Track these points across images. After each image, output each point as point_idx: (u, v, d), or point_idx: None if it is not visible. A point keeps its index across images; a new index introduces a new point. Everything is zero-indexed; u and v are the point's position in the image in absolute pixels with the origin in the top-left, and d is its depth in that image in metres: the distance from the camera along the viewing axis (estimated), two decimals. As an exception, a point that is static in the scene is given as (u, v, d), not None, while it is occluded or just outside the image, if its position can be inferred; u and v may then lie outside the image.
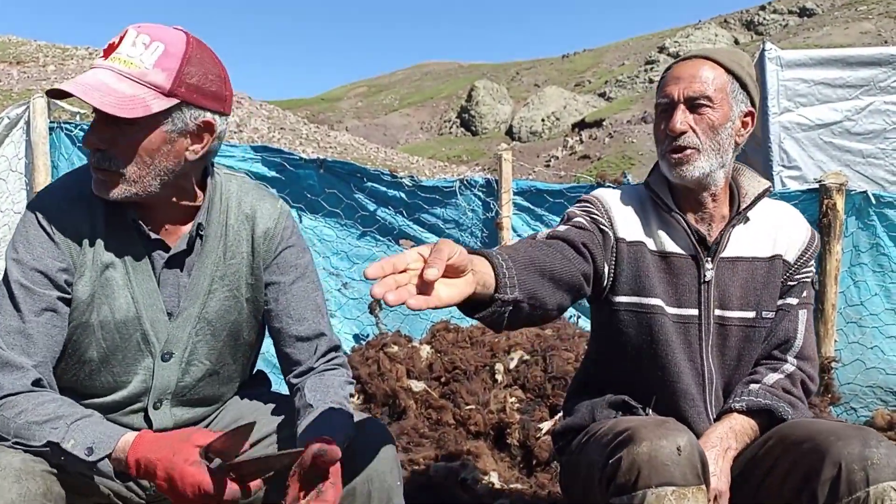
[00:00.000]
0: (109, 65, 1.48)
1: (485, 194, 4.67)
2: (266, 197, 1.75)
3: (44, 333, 1.51)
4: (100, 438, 1.40)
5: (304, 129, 27.09)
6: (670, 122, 1.77)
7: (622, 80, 62.11)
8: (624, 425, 1.57)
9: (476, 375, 3.37)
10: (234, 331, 1.70)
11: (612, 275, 1.81)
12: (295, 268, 1.72)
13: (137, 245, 1.59)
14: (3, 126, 4.37)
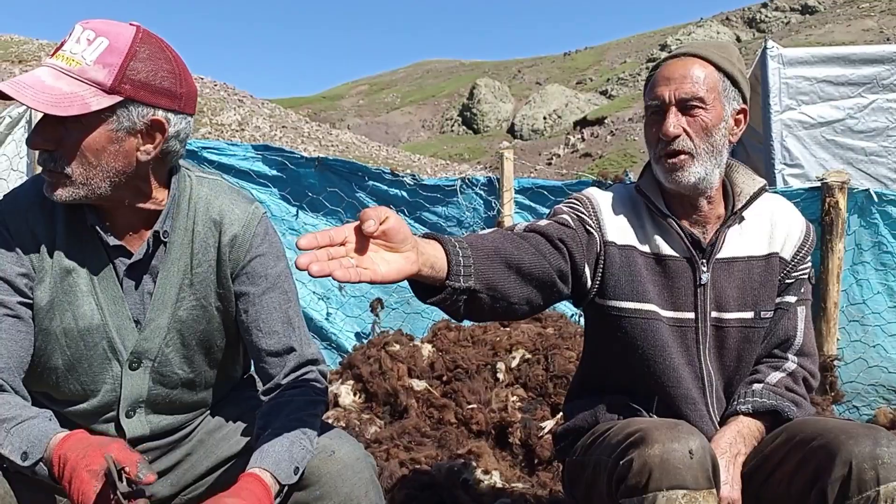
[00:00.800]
0: (52, 62, 1.44)
1: (486, 193, 4.67)
2: (238, 201, 1.65)
3: (7, 339, 1.47)
4: (33, 442, 1.36)
5: (305, 128, 27.08)
6: (663, 126, 1.73)
7: (624, 78, 62.02)
8: (635, 426, 1.56)
9: (478, 374, 3.37)
10: (204, 339, 1.64)
11: (600, 278, 1.78)
12: (265, 278, 1.63)
13: (99, 251, 1.54)
14: (5, 125, 4.38)
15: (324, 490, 1.48)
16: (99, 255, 1.55)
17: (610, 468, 1.57)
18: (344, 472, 1.50)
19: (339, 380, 3.53)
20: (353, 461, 1.52)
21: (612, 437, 1.63)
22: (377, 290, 4.61)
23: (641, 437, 1.50)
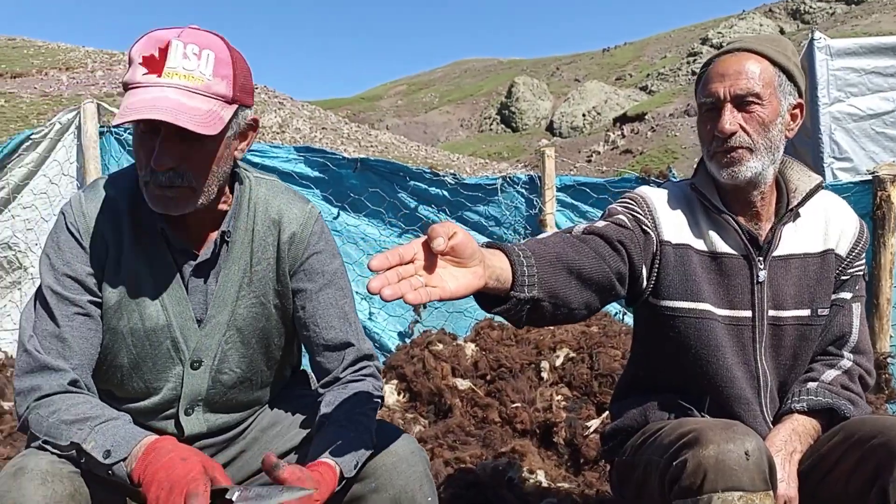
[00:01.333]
0: (171, 82, 1.43)
1: (528, 191, 4.65)
2: (295, 201, 1.69)
3: (79, 337, 1.52)
4: (118, 442, 1.39)
5: (345, 129, 27.26)
6: (719, 123, 1.70)
7: (664, 73, 61.25)
8: (688, 426, 1.54)
9: (521, 373, 3.36)
10: (264, 338, 1.67)
11: (655, 278, 1.77)
12: (322, 274, 1.67)
13: (165, 253, 1.58)
14: (55, 131, 4.48)
15: (379, 482, 1.50)
16: (165, 258, 1.58)
17: (662, 469, 1.55)
18: (399, 465, 1.52)
19: (384, 379, 3.55)
20: (407, 454, 1.55)
21: (664, 437, 1.61)
22: (419, 290, 4.62)
23: (695, 437, 1.48)
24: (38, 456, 1.38)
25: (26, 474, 1.33)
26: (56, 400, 1.46)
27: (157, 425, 1.62)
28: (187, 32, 1.47)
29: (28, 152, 4.49)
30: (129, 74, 1.44)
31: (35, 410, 1.45)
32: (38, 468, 1.34)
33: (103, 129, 4.37)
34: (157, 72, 1.43)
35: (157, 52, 1.43)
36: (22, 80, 26.32)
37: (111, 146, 4.40)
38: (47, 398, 1.46)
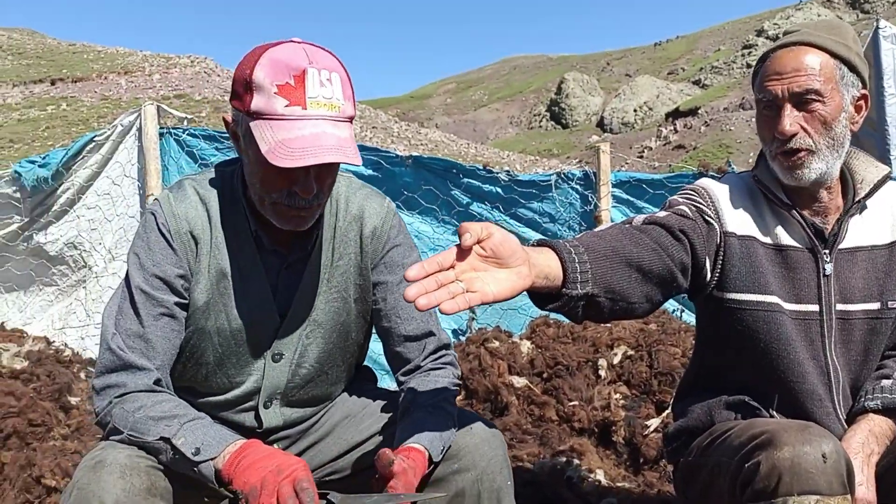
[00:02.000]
0: (318, 113, 1.44)
1: (583, 187, 4.60)
2: (373, 196, 1.72)
3: (162, 338, 1.54)
4: (209, 442, 1.41)
5: (395, 128, 27.43)
6: (778, 125, 1.63)
7: (718, 67, 60.11)
8: (760, 427, 1.49)
9: (578, 371, 3.32)
10: (343, 332, 1.70)
11: (720, 270, 1.72)
12: (402, 266, 1.69)
13: (254, 253, 1.60)
14: (117, 133, 4.59)
15: (462, 464, 1.52)
16: (252, 258, 1.60)
17: (733, 471, 1.50)
18: (481, 447, 1.54)
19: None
20: (489, 437, 1.57)
21: (733, 437, 1.56)
22: (473, 287, 4.61)
23: (768, 439, 1.43)
24: (117, 450, 1.40)
25: (105, 467, 1.35)
26: (141, 396, 1.48)
27: (236, 418, 1.66)
28: (313, 54, 1.47)
29: (92, 154, 4.62)
30: (264, 103, 1.43)
31: (119, 405, 1.47)
32: (117, 461, 1.36)
33: (163, 130, 4.47)
34: (301, 104, 1.43)
35: (292, 81, 1.43)
36: (83, 85, 27.12)
37: (170, 147, 4.50)
38: (132, 394, 1.48)
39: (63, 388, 3.17)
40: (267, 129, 1.43)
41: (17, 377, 3.14)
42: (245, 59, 1.49)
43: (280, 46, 1.47)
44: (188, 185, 1.61)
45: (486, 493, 1.52)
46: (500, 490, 1.55)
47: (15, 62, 33.08)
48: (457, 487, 1.52)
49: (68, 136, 19.88)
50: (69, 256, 4.77)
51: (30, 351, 3.32)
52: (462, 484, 1.52)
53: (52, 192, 4.67)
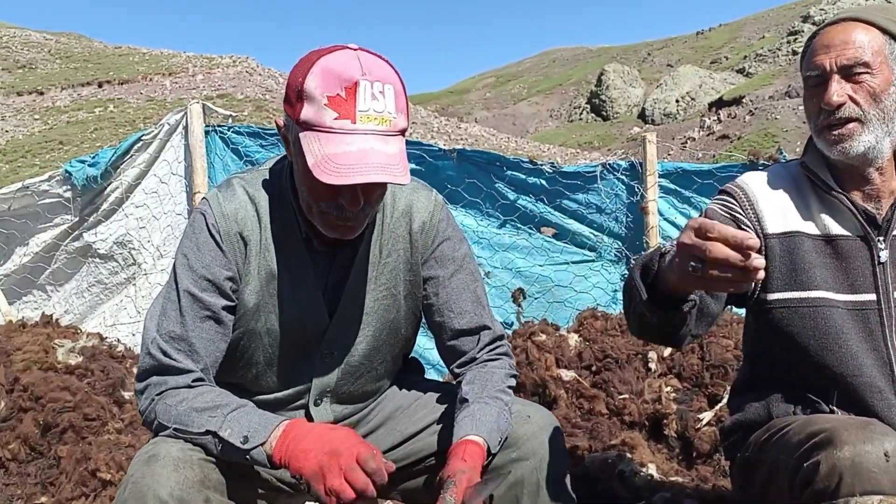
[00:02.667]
0: (367, 128, 1.41)
1: (629, 178, 4.53)
2: (420, 189, 1.70)
3: (206, 340, 1.52)
4: (255, 428, 1.41)
5: (435, 123, 27.43)
6: (826, 95, 1.59)
7: (763, 54, 58.92)
8: (818, 425, 1.44)
9: (628, 364, 3.27)
10: (393, 329, 1.69)
11: None
12: (453, 260, 1.68)
13: (303, 254, 1.59)
14: (164, 132, 4.66)
15: (521, 452, 1.54)
16: (302, 259, 1.59)
17: (792, 469, 1.45)
18: (540, 435, 1.56)
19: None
20: (547, 425, 1.59)
21: (791, 435, 1.51)
22: (518, 280, 4.58)
23: (828, 437, 1.38)
24: (169, 443, 1.41)
25: (159, 461, 1.36)
26: (182, 391, 1.48)
27: (287, 415, 1.62)
28: (367, 64, 1.43)
29: (140, 153, 4.69)
30: (313, 114, 1.41)
31: (162, 401, 1.47)
32: (170, 455, 1.37)
33: (208, 128, 4.52)
34: (351, 117, 1.40)
35: (343, 93, 1.40)
36: (129, 87, 27.65)
37: (216, 145, 4.55)
38: (171, 390, 1.48)
39: (117, 383, 3.23)
40: (315, 142, 1.40)
41: (73, 372, 3.20)
42: (299, 65, 1.46)
43: (334, 54, 1.43)
44: (237, 184, 1.60)
45: (545, 483, 1.54)
46: (559, 479, 1.56)
47: (63, 66, 33.86)
48: (515, 476, 1.53)
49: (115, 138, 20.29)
50: (118, 254, 4.85)
51: (84, 347, 3.38)
52: (521, 472, 1.53)
53: (102, 192, 4.75)
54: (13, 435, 2.86)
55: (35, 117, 26.95)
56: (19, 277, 4.95)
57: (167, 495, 1.32)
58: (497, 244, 4.60)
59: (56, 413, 2.91)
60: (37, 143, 24.03)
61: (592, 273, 4.62)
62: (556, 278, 4.59)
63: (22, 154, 23.24)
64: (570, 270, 4.61)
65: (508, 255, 4.60)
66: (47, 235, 4.87)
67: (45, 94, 29.25)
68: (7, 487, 2.79)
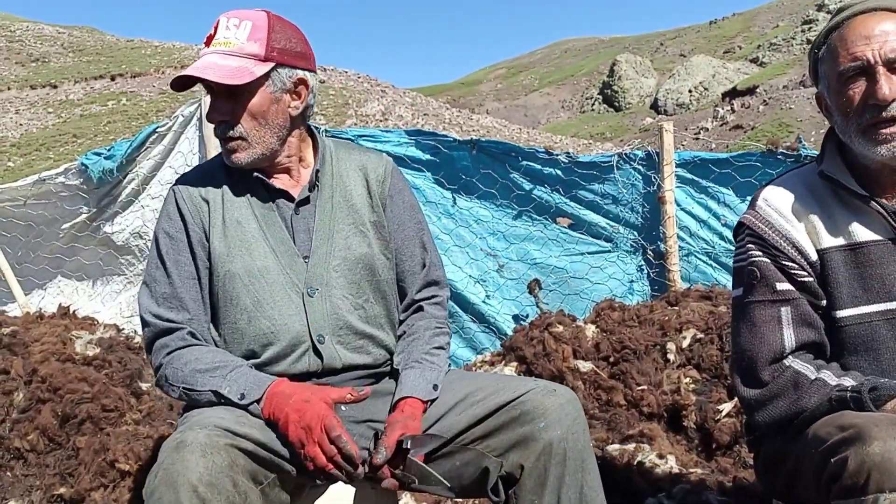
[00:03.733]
0: (213, 49, 1.74)
1: (645, 168, 4.48)
2: (370, 152, 1.95)
3: (191, 296, 1.76)
4: (249, 387, 1.62)
5: (446, 114, 27.35)
6: (876, 90, 1.51)
7: (777, 44, 58.37)
8: (849, 420, 1.41)
9: (646, 355, 3.24)
10: (368, 265, 1.83)
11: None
12: (405, 208, 1.91)
13: (265, 200, 1.81)
14: (179, 124, 4.65)
15: (548, 421, 1.60)
16: (264, 204, 1.81)
17: (819, 464, 1.42)
18: (566, 407, 1.63)
19: (503, 361, 3.51)
20: (572, 399, 1.66)
21: (818, 428, 1.48)
22: (534, 271, 4.56)
23: (857, 433, 1.35)
24: (195, 430, 1.46)
25: (187, 447, 1.41)
26: (184, 353, 1.70)
27: (299, 365, 1.76)
28: (237, 11, 1.78)
29: (155, 145, 4.69)
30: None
31: (169, 365, 1.69)
32: (198, 441, 1.43)
33: (223, 120, 4.50)
34: (208, 44, 1.76)
35: (213, 30, 1.76)
36: (141, 80, 27.72)
37: (230, 136, 4.53)
38: (176, 352, 1.70)
39: (134, 374, 3.23)
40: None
41: (90, 364, 3.20)
42: None
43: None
44: (202, 163, 1.94)
45: (572, 454, 1.59)
46: (584, 451, 1.62)
47: (76, 59, 33.97)
48: (544, 442, 1.59)
49: (128, 131, 20.34)
50: (135, 246, 4.86)
51: (101, 338, 3.39)
52: (549, 439, 1.59)
53: (118, 184, 4.75)
54: (32, 426, 2.87)
55: (49, 110, 27.06)
56: (36, 269, 4.97)
57: (197, 480, 1.37)
58: (512, 235, 4.57)
59: (74, 404, 2.92)
60: (51, 136, 24.13)
61: (608, 264, 4.58)
62: (572, 269, 4.55)
63: (36, 147, 23.34)
64: (586, 261, 4.57)
65: (524, 246, 4.56)
66: (64, 227, 4.89)
67: (58, 87, 29.37)
68: (26, 478, 2.80)
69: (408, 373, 1.77)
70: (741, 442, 2.81)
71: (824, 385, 1.54)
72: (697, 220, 4.52)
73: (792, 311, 1.63)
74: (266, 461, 1.54)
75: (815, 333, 1.62)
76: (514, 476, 1.62)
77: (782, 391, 1.58)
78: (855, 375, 1.55)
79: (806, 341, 1.61)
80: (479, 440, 1.66)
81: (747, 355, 1.65)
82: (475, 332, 4.50)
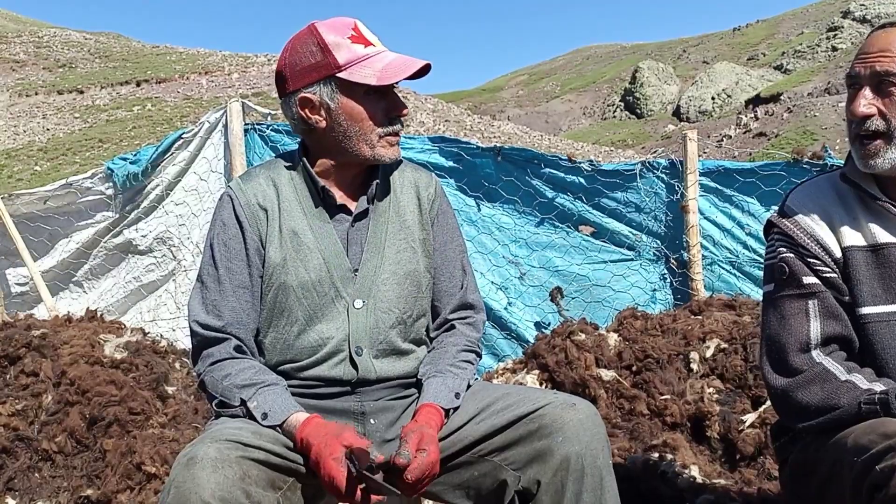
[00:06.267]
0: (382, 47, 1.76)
1: (668, 176, 4.47)
2: (420, 170, 1.94)
3: (244, 305, 1.74)
4: (274, 410, 1.61)
5: (467, 121, 27.38)
6: (852, 106, 1.58)
7: (801, 51, 57.87)
8: (892, 428, 1.41)
9: (669, 364, 3.23)
10: (415, 281, 1.82)
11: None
12: (449, 230, 1.91)
13: (323, 214, 1.78)
14: (204, 130, 4.70)
15: (566, 436, 1.58)
16: (322, 215, 1.78)
17: (859, 472, 1.41)
18: (585, 422, 1.60)
19: (524, 369, 3.51)
20: (591, 414, 1.64)
21: (859, 435, 1.47)
22: (556, 279, 4.55)
23: None
24: (206, 444, 1.46)
25: (198, 463, 1.41)
26: (226, 365, 1.69)
27: (333, 373, 1.75)
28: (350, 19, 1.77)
29: (180, 151, 4.74)
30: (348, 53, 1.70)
31: (210, 374, 1.69)
32: (208, 456, 1.43)
33: (247, 126, 4.55)
34: (371, 43, 1.74)
35: (354, 32, 1.74)
36: (166, 85, 28.02)
37: (255, 143, 4.58)
38: (219, 363, 1.69)
39: (160, 377, 3.27)
40: (364, 68, 1.70)
41: (118, 367, 3.25)
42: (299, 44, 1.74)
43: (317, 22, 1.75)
44: (255, 169, 1.85)
45: (590, 470, 1.57)
46: (603, 468, 1.59)
47: (102, 65, 34.41)
48: (562, 457, 1.56)
49: (154, 136, 20.56)
50: (158, 251, 4.92)
51: (128, 342, 3.43)
52: (567, 453, 1.56)
53: (142, 189, 4.81)
54: (60, 428, 2.91)
55: (75, 116, 27.43)
56: (61, 273, 5.04)
57: (209, 496, 1.38)
58: (535, 243, 4.57)
59: (102, 407, 2.96)
60: (77, 141, 24.45)
61: (631, 272, 4.57)
62: (595, 277, 4.55)
63: (62, 152, 23.66)
64: (608, 269, 4.56)
65: (546, 253, 4.57)
66: (89, 232, 4.95)
67: (84, 92, 29.76)
68: (54, 480, 2.84)
69: (430, 381, 1.76)
70: (765, 453, 2.79)
71: (854, 388, 1.54)
72: (721, 229, 4.50)
73: (819, 304, 1.65)
74: (282, 467, 1.55)
75: (842, 326, 1.63)
76: (530, 491, 1.60)
77: (812, 382, 1.59)
78: (886, 382, 1.55)
79: (832, 334, 1.63)
80: (496, 452, 1.64)
81: (776, 345, 1.67)
82: (496, 339, 4.51)
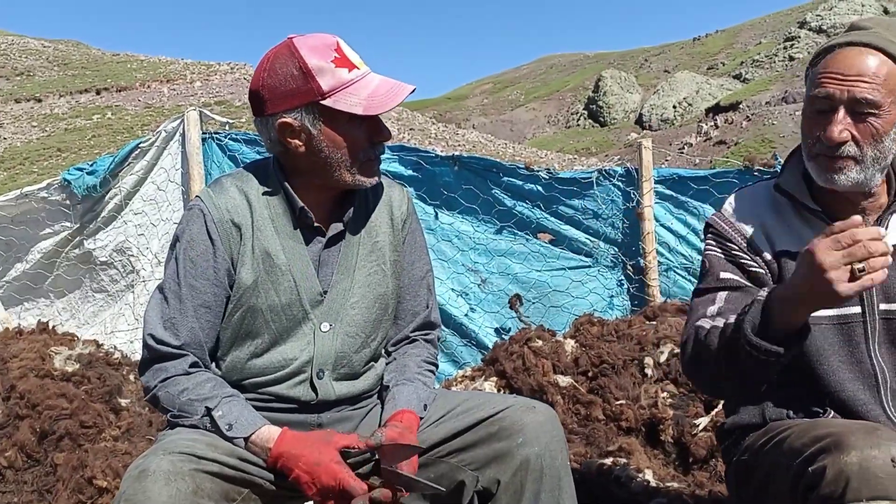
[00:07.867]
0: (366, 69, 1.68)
1: (624, 184, 4.55)
2: (393, 185, 1.89)
3: (205, 324, 1.67)
4: (240, 422, 1.57)
5: (432, 129, 27.41)
6: (828, 129, 1.56)
7: (759, 60, 58.95)
8: (825, 429, 1.44)
9: (624, 370, 3.27)
10: (383, 304, 1.80)
11: None
12: (417, 249, 1.88)
13: (296, 235, 1.71)
14: (161, 139, 4.66)
15: (527, 437, 1.60)
16: (295, 237, 1.72)
17: (795, 474, 1.45)
18: (545, 424, 1.64)
19: (482, 376, 3.53)
20: (551, 417, 1.67)
21: (794, 438, 1.51)
22: (515, 286, 4.59)
23: (834, 441, 1.38)
24: (159, 456, 1.44)
25: (149, 476, 1.39)
26: (181, 380, 1.63)
27: (292, 393, 1.72)
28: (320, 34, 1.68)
29: (137, 160, 4.69)
30: (332, 79, 1.61)
31: (164, 389, 1.62)
32: (161, 469, 1.40)
33: (205, 135, 4.52)
34: (355, 66, 1.66)
35: (337, 54, 1.64)
36: (126, 94, 27.65)
37: (213, 151, 4.55)
38: (173, 379, 1.63)
39: (113, 390, 3.22)
40: (350, 96, 1.62)
41: (69, 380, 3.20)
42: (278, 64, 1.63)
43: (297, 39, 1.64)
44: (225, 180, 1.74)
45: (548, 471, 1.60)
46: (561, 469, 1.63)
47: (61, 73, 33.86)
48: (521, 458, 1.59)
49: (114, 145, 20.26)
50: (118, 262, 4.85)
51: (80, 354, 3.38)
52: (526, 455, 1.59)
53: (101, 199, 4.74)
54: (10, 442, 2.86)
55: (33, 124, 26.95)
56: (19, 285, 4.94)
57: None
58: (494, 250, 4.61)
59: (53, 420, 2.91)
60: (35, 150, 24.02)
61: (589, 279, 4.63)
62: (553, 284, 4.60)
63: (20, 161, 23.21)
64: (566, 276, 4.62)
65: (505, 260, 4.61)
66: (47, 243, 4.86)
67: (42, 101, 29.25)
68: (4, 495, 2.79)
69: (401, 388, 1.75)
70: (717, 456, 2.84)
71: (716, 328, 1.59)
72: (676, 235, 4.58)
73: (727, 295, 1.68)
74: (237, 479, 1.52)
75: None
76: (490, 491, 1.63)
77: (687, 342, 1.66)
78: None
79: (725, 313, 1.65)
80: (454, 453, 1.67)
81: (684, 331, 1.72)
82: (456, 347, 4.53)
